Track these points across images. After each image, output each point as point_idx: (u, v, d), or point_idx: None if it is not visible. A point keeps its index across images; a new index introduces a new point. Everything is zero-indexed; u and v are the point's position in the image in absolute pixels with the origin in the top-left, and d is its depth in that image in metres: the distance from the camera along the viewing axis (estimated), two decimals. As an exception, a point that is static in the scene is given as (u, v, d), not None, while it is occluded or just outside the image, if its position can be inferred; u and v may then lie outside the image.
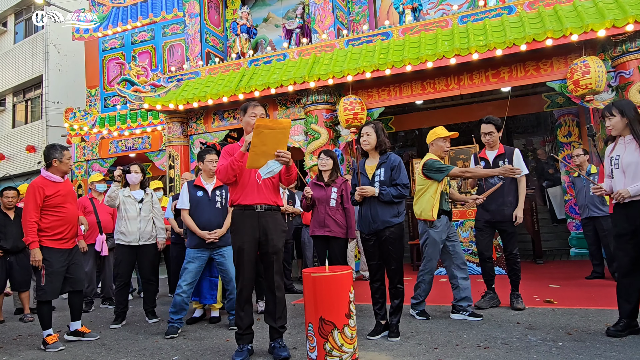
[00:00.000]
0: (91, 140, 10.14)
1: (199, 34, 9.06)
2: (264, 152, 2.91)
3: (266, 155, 2.92)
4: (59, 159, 3.90)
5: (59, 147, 3.99)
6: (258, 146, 2.87)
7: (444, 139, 4.02)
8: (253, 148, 2.87)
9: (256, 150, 2.88)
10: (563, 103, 7.89)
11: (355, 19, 8.86)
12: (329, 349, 2.64)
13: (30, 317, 5.19)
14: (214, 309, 4.53)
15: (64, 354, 3.60)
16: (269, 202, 3.18)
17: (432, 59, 6.22)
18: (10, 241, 5.05)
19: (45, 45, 13.78)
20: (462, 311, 3.94)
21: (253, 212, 3.14)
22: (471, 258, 6.46)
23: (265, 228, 3.14)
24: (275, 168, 2.97)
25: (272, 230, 3.15)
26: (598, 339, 3.08)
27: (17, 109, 15.15)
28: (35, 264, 3.74)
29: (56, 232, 3.83)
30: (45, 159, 3.93)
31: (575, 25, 5.60)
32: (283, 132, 2.92)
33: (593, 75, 5.62)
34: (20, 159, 13.99)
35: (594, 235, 5.63)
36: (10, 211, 5.18)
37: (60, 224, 3.85)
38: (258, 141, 2.85)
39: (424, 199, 3.92)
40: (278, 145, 2.92)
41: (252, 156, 2.90)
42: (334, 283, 2.72)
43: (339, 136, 7.33)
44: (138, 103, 8.02)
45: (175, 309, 4.01)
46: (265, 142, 2.87)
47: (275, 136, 2.89)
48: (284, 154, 2.94)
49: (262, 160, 2.93)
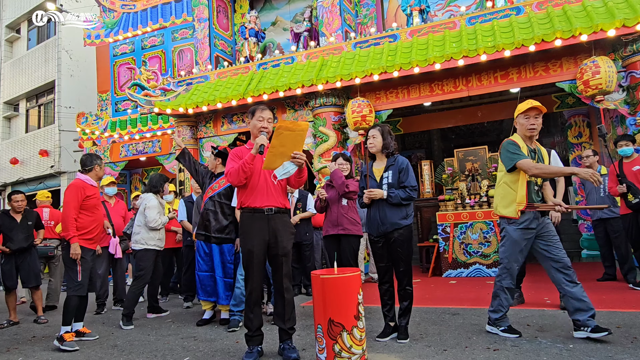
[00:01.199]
0: (103, 144, 10.29)
1: (207, 38, 9.16)
2: (282, 153, 2.96)
3: (283, 157, 2.98)
4: (99, 165, 4.30)
5: (97, 155, 4.39)
6: (277, 147, 2.92)
7: (525, 114, 3.39)
8: (272, 149, 2.92)
9: (274, 151, 2.93)
10: (573, 104, 7.84)
11: (362, 22, 8.89)
12: (338, 350, 2.65)
13: (44, 319, 5.26)
14: (224, 311, 4.57)
15: (77, 355, 3.66)
16: (278, 204, 3.21)
17: (440, 60, 6.22)
18: (16, 243, 5.18)
19: (58, 51, 14.00)
20: (582, 327, 3.13)
21: (262, 215, 3.17)
22: (482, 260, 6.44)
23: (275, 230, 3.17)
24: (291, 169, 3.03)
25: (281, 232, 3.18)
26: (609, 342, 3.05)
27: (30, 114, 15.40)
28: (74, 257, 3.96)
29: (88, 231, 4.11)
30: (87, 165, 4.25)
31: (585, 25, 5.57)
32: (301, 134, 2.97)
33: (603, 75, 5.58)
34: (34, 163, 14.20)
35: (605, 237, 5.57)
36: (18, 214, 5.30)
37: (92, 225, 4.16)
38: (277, 142, 2.91)
39: (501, 188, 3.40)
40: (295, 146, 2.98)
41: (270, 157, 2.95)
42: (343, 285, 2.73)
43: (347, 138, 7.35)
44: (148, 107, 8.12)
45: (236, 301, 4.29)
46: (284, 143, 2.92)
47: (294, 138, 2.95)
48: (300, 155, 3.00)
49: (279, 161, 2.99)
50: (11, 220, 5.23)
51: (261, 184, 3.18)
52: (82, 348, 3.86)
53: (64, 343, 3.82)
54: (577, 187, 7.77)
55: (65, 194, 4.10)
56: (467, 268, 6.51)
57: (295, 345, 3.24)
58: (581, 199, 7.62)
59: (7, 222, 5.21)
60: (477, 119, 9.23)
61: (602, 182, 3.68)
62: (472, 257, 6.50)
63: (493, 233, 6.41)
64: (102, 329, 4.60)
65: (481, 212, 6.52)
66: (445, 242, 6.68)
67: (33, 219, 5.40)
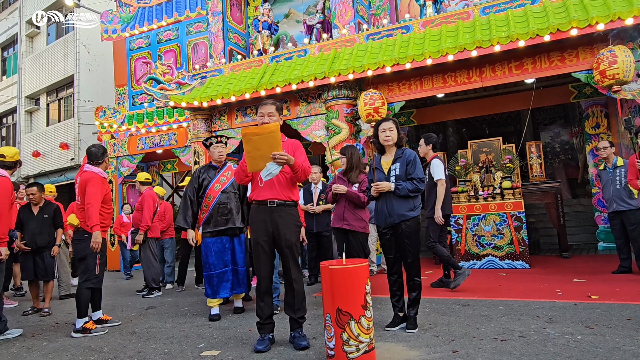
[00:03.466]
0: (120, 137, 10.50)
1: (221, 31, 9.23)
2: (261, 156, 3.05)
3: (264, 159, 3.06)
4: (107, 158, 4.39)
5: (105, 147, 4.40)
6: (252, 151, 3.03)
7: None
8: (248, 154, 3.04)
9: (252, 155, 3.04)
10: (591, 94, 7.69)
11: (375, 13, 8.83)
12: (345, 339, 2.72)
13: (47, 311, 5.20)
14: (238, 299, 4.67)
15: (97, 340, 3.82)
16: (282, 197, 3.29)
17: (453, 51, 6.17)
18: (28, 235, 5.22)
19: (76, 46, 14.28)
20: None
21: (266, 208, 3.28)
22: (494, 252, 6.43)
23: (277, 223, 3.26)
24: (274, 170, 3.11)
25: (283, 225, 3.26)
26: (618, 333, 3.06)
27: (50, 108, 15.78)
28: (95, 245, 4.01)
29: (106, 224, 4.23)
30: (99, 157, 4.27)
31: (602, 13, 5.45)
32: (272, 136, 3.02)
33: (620, 64, 5.47)
34: (54, 156, 14.58)
35: (621, 229, 5.51)
36: (35, 207, 5.35)
37: (109, 218, 4.30)
38: (250, 148, 3.02)
39: None
40: (272, 148, 3.03)
41: (250, 161, 3.07)
42: (351, 275, 2.79)
43: (360, 131, 7.37)
44: (164, 101, 8.25)
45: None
46: (258, 147, 3.02)
47: (266, 140, 3.01)
48: (279, 155, 3.04)
49: (261, 163, 3.08)
50: (29, 213, 5.33)
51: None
52: (102, 335, 4.02)
53: (91, 331, 4.00)
54: (593, 179, 7.66)
55: (90, 185, 4.08)
56: (479, 260, 6.50)
57: (305, 333, 3.33)
58: (598, 191, 7.51)
59: (25, 214, 5.33)
60: (492, 110, 9.13)
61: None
62: (485, 249, 6.49)
63: (506, 225, 6.38)
64: (121, 316, 4.77)
65: (494, 204, 6.49)
66: (458, 234, 6.68)
67: (51, 212, 5.39)
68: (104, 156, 4.31)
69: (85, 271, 4.09)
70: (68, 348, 3.64)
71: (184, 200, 4.56)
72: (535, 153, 7.63)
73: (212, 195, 4.48)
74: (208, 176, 4.57)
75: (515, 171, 6.95)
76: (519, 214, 6.34)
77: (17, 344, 3.87)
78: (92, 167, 4.23)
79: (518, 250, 6.29)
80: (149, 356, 3.28)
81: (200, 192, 4.57)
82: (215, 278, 4.40)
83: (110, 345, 3.64)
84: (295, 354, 3.09)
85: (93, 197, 4.06)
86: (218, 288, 4.41)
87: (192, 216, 4.52)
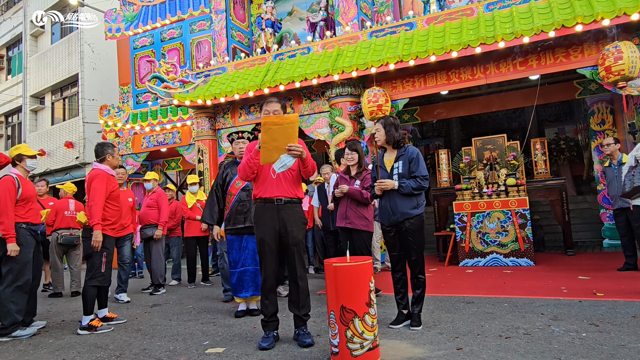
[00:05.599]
0: (125, 135, 10.55)
1: (225, 29, 9.23)
2: (276, 147, 2.99)
3: (278, 150, 3.01)
4: (111, 154, 4.30)
5: (110, 144, 4.39)
6: (268, 142, 2.96)
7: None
8: (264, 145, 2.97)
9: (267, 146, 2.97)
10: (596, 90, 7.65)
11: (379, 10, 8.81)
12: (350, 336, 2.73)
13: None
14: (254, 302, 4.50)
15: (103, 338, 3.84)
16: (289, 194, 3.28)
17: (457, 48, 6.15)
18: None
19: (80, 45, 14.33)
20: None
21: (273, 205, 3.25)
22: (499, 249, 6.41)
23: (284, 220, 3.24)
24: (288, 162, 3.08)
25: (291, 222, 3.25)
26: (623, 331, 3.05)
27: (55, 107, 15.86)
28: (95, 244, 4.00)
29: (113, 222, 4.22)
30: (98, 154, 4.28)
31: (607, 9, 5.42)
32: (292, 127, 2.97)
33: (626, 60, 5.44)
34: (59, 154, 14.66)
35: (626, 226, 5.48)
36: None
37: (117, 216, 4.30)
38: (267, 138, 2.95)
39: None
40: (289, 139, 2.99)
41: (265, 152, 2.99)
42: (355, 273, 2.79)
43: (364, 128, 7.36)
44: (168, 99, 8.29)
45: None
46: (275, 137, 2.96)
47: (284, 131, 2.96)
48: (295, 147, 3.01)
49: (275, 155, 3.03)
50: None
51: (271, 175, 3.26)
52: (108, 332, 4.05)
53: (97, 329, 4.02)
54: (599, 176, 7.62)
55: (94, 182, 4.09)
56: (484, 257, 6.49)
57: (310, 331, 3.33)
58: (603, 188, 7.47)
59: None
60: (496, 107, 9.09)
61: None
62: (489, 247, 6.48)
63: (510, 222, 6.36)
64: (127, 314, 4.80)
65: (499, 201, 6.48)
66: (462, 231, 6.67)
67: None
68: (105, 153, 4.26)
69: (91, 269, 4.11)
70: (74, 345, 3.66)
71: (210, 196, 4.58)
72: (540, 150, 7.60)
73: (233, 193, 4.43)
74: (231, 172, 4.53)
75: (520, 168, 6.92)
76: (523, 211, 6.32)
77: (24, 340, 3.91)
78: (98, 165, 4.28)
79: (523, 247, 6.27)
80: (154, 353, 3.30)
81: (224, 187, 4.55)
82: (235, 276, 4.35)
83: (115, 343, 3.67)
84: (299, 351, 3.09)
85: (95, 194, 4.07)
86: (237, 287, 4.34)
87: (218, 212, 4.52)
